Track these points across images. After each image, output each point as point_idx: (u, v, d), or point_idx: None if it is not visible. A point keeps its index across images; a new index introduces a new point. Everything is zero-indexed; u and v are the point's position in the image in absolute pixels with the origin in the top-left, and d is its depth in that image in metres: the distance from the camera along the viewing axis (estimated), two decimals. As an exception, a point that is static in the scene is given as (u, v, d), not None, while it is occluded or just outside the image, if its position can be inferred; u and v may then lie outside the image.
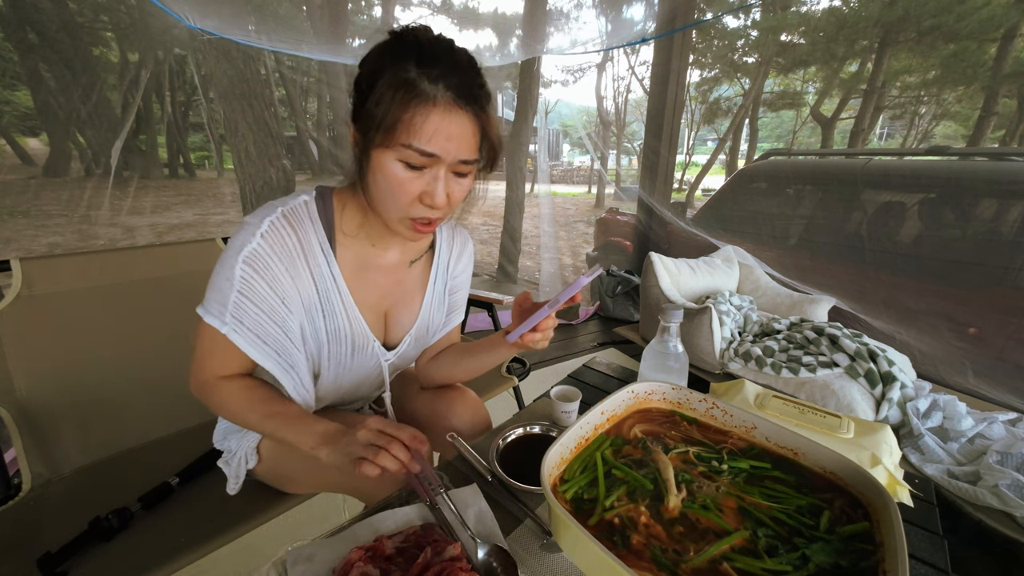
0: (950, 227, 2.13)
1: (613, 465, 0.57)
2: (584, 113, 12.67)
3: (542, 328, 0.69)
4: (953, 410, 1.47)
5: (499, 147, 0.66)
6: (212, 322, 0.63)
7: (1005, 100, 5.64)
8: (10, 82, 2.88)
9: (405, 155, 0.58)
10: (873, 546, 0.45)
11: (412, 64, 0.56)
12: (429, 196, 0.61)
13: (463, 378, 0.92)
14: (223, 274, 0.63)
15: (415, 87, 0.56)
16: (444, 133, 0.57)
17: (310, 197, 0.69)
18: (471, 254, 0.90)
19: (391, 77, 0.56)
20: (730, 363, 1.87)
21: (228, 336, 0.63)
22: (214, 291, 0.64)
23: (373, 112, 0.57)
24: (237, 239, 0.63)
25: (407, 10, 3.57)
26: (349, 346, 0.74)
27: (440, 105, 0.56)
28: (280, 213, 0.65)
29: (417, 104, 0.56)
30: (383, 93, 0.56)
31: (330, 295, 0.70)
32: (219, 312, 0.63)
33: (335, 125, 4.46)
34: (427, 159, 0.58)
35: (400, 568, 0.51)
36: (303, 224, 0.67)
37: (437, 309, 0.86)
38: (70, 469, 0.96)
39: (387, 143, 0.58)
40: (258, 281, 0.63)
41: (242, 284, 0.62)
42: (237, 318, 0.63)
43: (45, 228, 2.98)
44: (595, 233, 4.46)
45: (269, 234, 0.63)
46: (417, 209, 0.63)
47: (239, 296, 0.62)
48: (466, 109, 0.58)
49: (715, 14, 4.46)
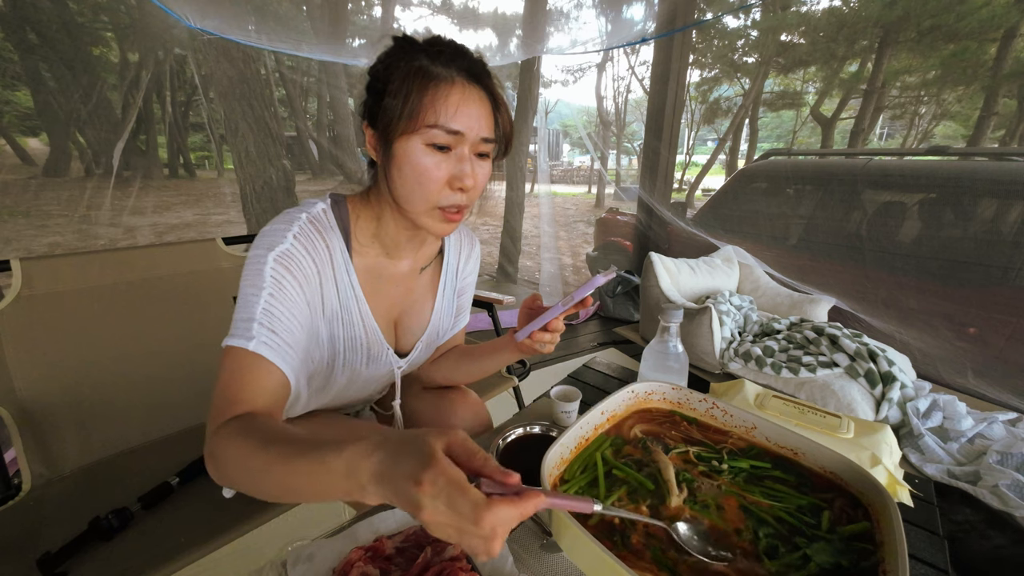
0: (950, 227, 2.13)
1: (613, 465, 0.57)
2: (584, 113, 12.66)
3: (552, 328, 0.68)
4: (953, 410, 1.48)
5: (511, 127, 0.66)
6: (236, 343, 0.55)
7: (1005, 100, 5.64)
8: (10, 82, 2.87)
9: (431, 136, 0.58)
10: (873, 545, 0.45)
11: (422, 55, 0.58)
12: (458, 178, 0.61)
13: (464, 381, 0.92)
14: (248, 282, 0.58)
15: (431, 71, 0.57)
16: (465, 110, 0.58)
17: (327, 205, 0.68)
18: (478, 256, 0.91)
19: (405, 68, 0.58)
20: (730, 363, 1.87)
21: (257, 351, 0.54)
22: (237, 311, 0.58)
23: (392, 104, 0.58)
24: (264, 240, 0.60)
25: (407, 10, 3.57)
26: (365, 355, 0.74)
27: (458, 83, 0.58)
28: (306, 219, 0.64)
29: (436, 85, 0.57)
30: (400, 84, 0.57)
31: (349, 304, 0.70)
32: (244, 329, 0.55)
33: (335, 125, 4.46)
34: (453, 137, 0.59)
35: (400, 568, 0.51)
36: (328, 231, 0.66)
37: (447, 313, 0.86)
38: (70, 469, 0.96)
39: (411, 128, 0.58)
40: (289, 280, 0.59)
41: (273, 284, 0.58)
42: (266, 325, 0.56)
43: (45, 228, 2.98)
44: (595, 233, 4.46)
45: (301, 236, 0.62)
46: (447, 196, 0.62)
47: (269, 298, 0.57)
48: (479, 86, 0.61)
49: (715, 14, 4.46)
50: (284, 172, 3.02)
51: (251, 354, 0.54)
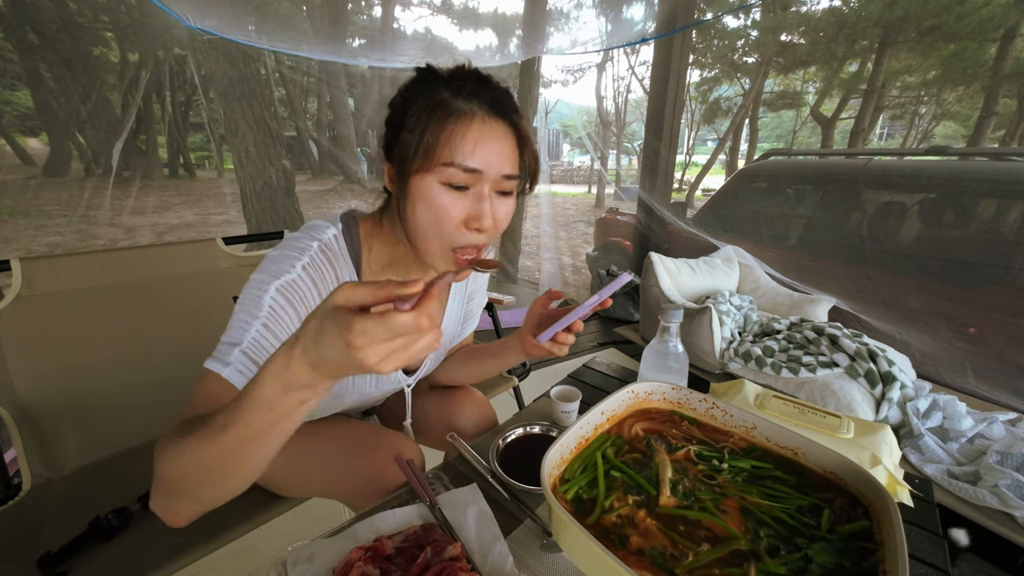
0: (950, 227, 2.13)
1: (613, 465, 0.57)
2: (584, 113, 12.66)
3: (575, 329, 0.67)
4: (953, 410, 1.47)
5: (537, 162, 0.63)
6: (212, 366, 0.53)
7: (1005, 100, 5.65)
8: (10, 82, 2.88)
9: (447, 175, 0.55)
10: (874, 545, 0.45)
11: (443, 87, 0.56)
12: (475, 219, 0.57)
13: (468, 381, 0.92)
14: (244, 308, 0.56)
15: (450, 105, 0.55)
16: (485, 147, 0.55)
17: (338, 231, 0.65)
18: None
19: (424, 101, 0.55)
20: (730, 363, 1.87)
21: (229, 379, 0.53)
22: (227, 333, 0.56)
23: (408, 140, 0.55)
24: (271, 266, 0.58)
25: (407, 10, 3.57)
26: (375, 378, 0.74)
27: (478, 118, 0.55)
28: (318, 248, 0.61)
29: (455, 120, 0.54)
30: (418, 118, 0.55)
31: None
32: (224, 353, 0.54)
33: (335, 125, 4.46)
34: (470, 176, 0.55)
35: (400, 568, 0.51)
36: (339, 261, 0.64)
37: (454, 320, 0.86)
38: (70, 469, 0.96)
39: (427, 167, 0.55)
40: (288, 312, 0.57)
41: (269, 315, 0.55)
42: (248, 355, 0.54)
43: (45, 228, 2.98)
44: (595, 233, 4.46)
45: (311, 267, 0.59)
46: (462, 236, 0.58)
47: (262, 328, 0.55)
48: (503, 119, 0.57)
49: (715, 14, 4.46)
50: (284, 172, 3.02)
51: (224, 381, 0.53)
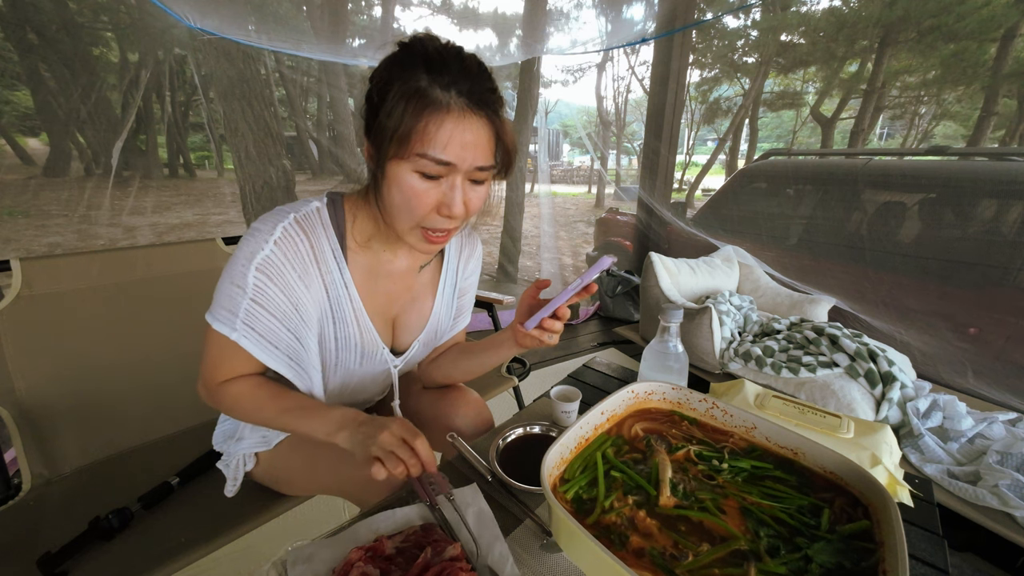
0: (950, 227, 2.13)
1: (613, 465, 0.57)
2: (584, 113, 12.66)
3: (560, 315, 0.68)
4: (953, 410, 1.47)
5: (514, 152, 0.65)
6: (221, 329, 0.62)
7: (1005, 100, 5.64)
8: (10, 82, 2.87)
9: (420, 165, 0.57)
10: (874, 544, 0.45)
11: (422, 72, 0.55)
12: (446, 206, 0.60)
13: (463, 378, 0.91)
14: (233, 280, 0.61)
15: (427, 95, 0.55)
16: (459, 140, 0.56)
17: (322, 204, 0.68)
18: (480, 256, 0.90)
19: (402, 87, 0.55)
20: (730, 363, 1.87)
21: (239, 343, 0.62)
22: (222, 297, 0.62)
23: (386, 125, 0.56)
24: (247, 246, 0.62)
25: (407, 10, 3.56)
26: (358, 354, 0.74)
27: (454, 112, 0.56)
28: (293, 219, 0.64)
29: (430, 112, 0.55)
30: (395, 104, 0.55)
31: (342, 303, 0.70)
32: (229, 319, 0.62)
33: (335, 125, 4.45)
34: (443, 168, 0.57)
35: (400, 568, 0.51)
36: (316, 231, 0.66)
37: (446, 313, 0.86)
38: (70, 469, 0.96)
39: (401, 154, 0.57)
40: (271, 288, 0.62)
41: (255, 291, 0.61)
42: (249, 324, 0.62)
43: (45, 228, 2.98)
44: (595, 233, 4.46)
45: (282, 241, 0.62)
46: (433, 220, 0.62)
47: (252, 304, 0.61)
48: (480, 114, 0.58)
49: (715, 14, 4.46)
50: (284, 172, 3.01)
51: (235, 344, 0.62)
